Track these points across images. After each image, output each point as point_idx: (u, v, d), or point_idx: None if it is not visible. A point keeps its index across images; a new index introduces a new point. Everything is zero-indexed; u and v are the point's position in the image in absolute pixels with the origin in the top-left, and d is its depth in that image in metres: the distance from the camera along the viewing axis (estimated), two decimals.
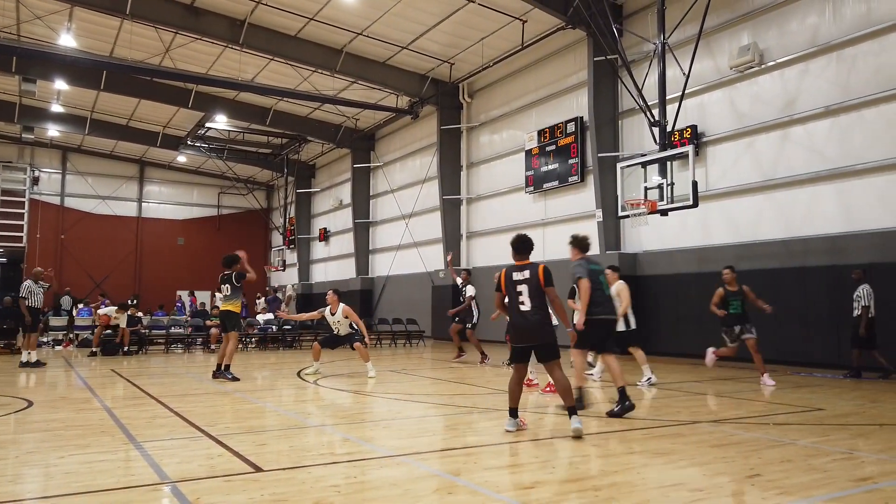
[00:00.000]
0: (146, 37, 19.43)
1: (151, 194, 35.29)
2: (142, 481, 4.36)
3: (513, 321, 6.06)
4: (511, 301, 6.00)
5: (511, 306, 6.01)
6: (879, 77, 11.58)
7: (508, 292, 6.04)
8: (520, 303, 5.93)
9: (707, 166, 14.34)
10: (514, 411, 5.99)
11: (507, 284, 6.04)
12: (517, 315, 5.97)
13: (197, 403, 7.92)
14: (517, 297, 5.95)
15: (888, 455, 5.13)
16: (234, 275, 10.43)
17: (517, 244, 6.22)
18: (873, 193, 11.64)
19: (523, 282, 5.96)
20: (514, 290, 5.98)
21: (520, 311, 5.94)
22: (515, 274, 6.02)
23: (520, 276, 5.98)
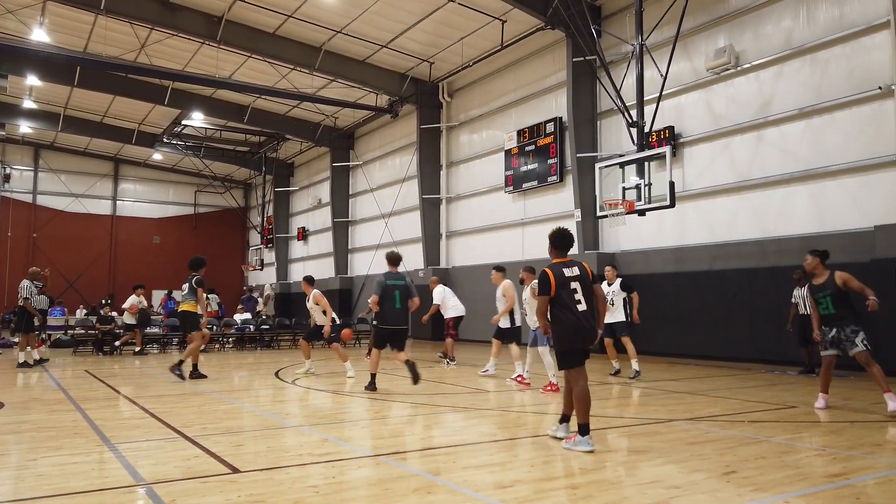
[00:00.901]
0: (121, 32, 19.15)
1: (126, 192, 34.79)
2: (116, 483, 4.30)
3: (570, 322, 5.36)
4: (564, 301, 5.37)
5: (563, 306, 5.37)
6: (851, 80, 11.80)
7: (560, 292, 5.37)
8: (577, 302, 5.37)
9: (684, 167, 14.50)
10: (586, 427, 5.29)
11: (560, 284, 5.38)
12: (576, 316, 5.35)
13: (173, 404, 7.82)
14: (573, 296, 5.37)
15: (859, 451, 5.22)
16: (195, 279, 10.28)
17: (560, 239, 5.65)
18: (845, 194, 11.86)
19: (575, 279, 5.44)
20: (568, 288, 5.39)
21: (578, 311, 5.36)
22: (566, 271, 5.46)
23: (571, 273, 5.45)
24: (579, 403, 5.32)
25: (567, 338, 5.41)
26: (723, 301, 13.41)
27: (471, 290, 20.46)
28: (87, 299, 28.65)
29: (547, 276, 5.39)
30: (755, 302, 12.86)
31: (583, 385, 5.36)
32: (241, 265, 36.21)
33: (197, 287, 10.26)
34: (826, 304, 7.42)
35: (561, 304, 5.38)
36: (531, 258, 18.34)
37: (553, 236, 5.69)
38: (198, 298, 10.28)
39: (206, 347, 16.75)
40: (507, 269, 11.36)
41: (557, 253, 5.63)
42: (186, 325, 10.42)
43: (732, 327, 13.23)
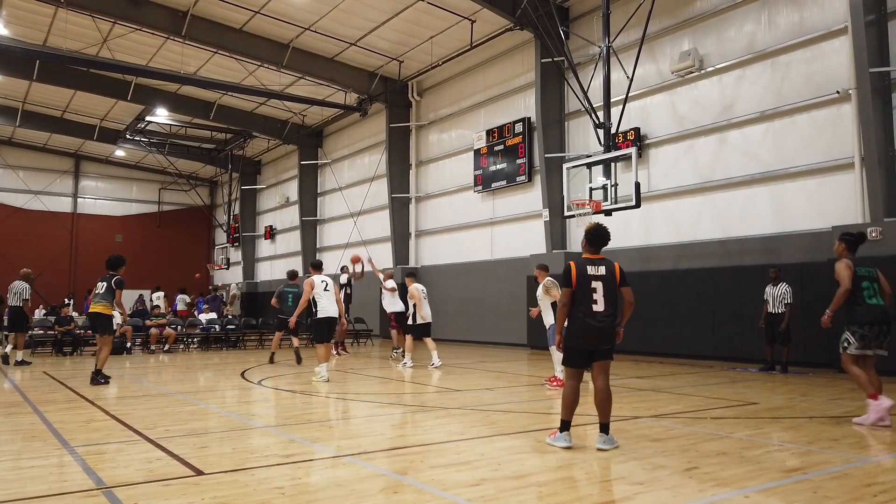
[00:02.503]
0: (82, 26, 18.71)
1: (88, 189, 34.01)
2: (75, 487, 4.20)
3: (580, 320, 5.31)
4: (580, 297, 5.32)
5: (578, 303, 5.33)
6: (811, 84, 12.11)
7: (580, 288, 5.32)
8: (593, 301, 5.30)
9: (649, 168, 14.72)
10: (566, 424, 5.36)
11: (581, 280, 5.32)
12: (587, 315, 5.29)
13: (135, 406, 7.67)
14: (590, 295, 5.31)
15: (817, 446, 5.37)
16: (114, 279, 9.89)
17: (595, 236, 5.52)
18: (804, 196, 12.17)
19: (598, 278, 5.35)
20: (587, 286, 5.31)
21: (592, 310, 5.29)
22: (590, 268, 5.37)
23: (595, 272, 5.37)
24: (563, 401, 5.40)
25: (573, 335, 5.38)
26: (687, 300, 13.65)
27: (441, 289, 20.49)
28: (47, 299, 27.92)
29: (570, 269, 5.36)
30: (718, 301, 13.13)
31: (572, 385, 5.41)
32: (206, 264, 35.66)
33: (117, 288, 9.85)
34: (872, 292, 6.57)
35: (577, 301, 5.34)
36: (500, 257, 18.45)
37: (588, 231, 5.56)
38: (115, 300, 9.90)
39: (170, 348, 16.49)
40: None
41: (590, 249, 5.54)
42: (98, 326, 9.96)
43: (696, 326, 13.48)
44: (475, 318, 18.96)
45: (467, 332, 19.16)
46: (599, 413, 5.36)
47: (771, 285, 11.23)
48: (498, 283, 17.83)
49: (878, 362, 6.49)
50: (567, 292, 5.35)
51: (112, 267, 10.11)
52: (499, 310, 17.82)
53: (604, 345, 5.36)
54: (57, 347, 15.48)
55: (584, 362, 5.45)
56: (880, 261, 10.51)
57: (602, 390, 5.36)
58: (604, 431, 5.30)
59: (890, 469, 4.60)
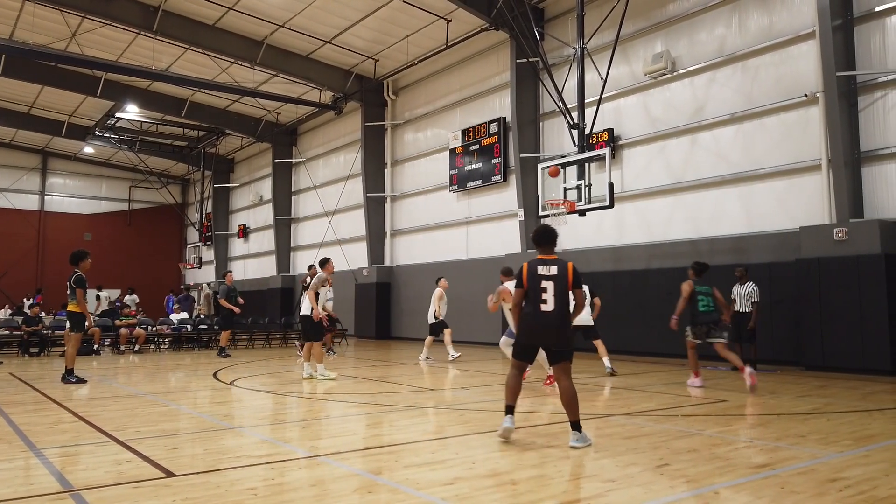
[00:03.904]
0: (50, 20, 18.35)
1: (55, 187, 33.33)
2: (42, 490, 4.11)
3: (528, 319, 5.45)
4: (531, 296, 5.44)
5: (529, 301, 5.46)
6: (779, 87, 12.34)
7: (530, 287, 5.43)
8: (542, 301, 5.38)
9: (623, 168, 14.87)
10: (510, 408, 5.53)
11: (531, 279, 5.43)
12: (536, 314, 5.40)
13: (104, 407, 7.54)
14: (539, 294, 5.40)
15: (784, 443, 5.47)
16: (74, 277, 9.70)
17: (542, 236, 5.64)
18: (773, 197, 12.40)
19: (549, 278, 5.42)
20: (537, 285, 5.40)
21: (539, 310, 5.38)
22: (541, 268, 5.45)
23: (546, 272, 5.45)
24: (505, 387, 5.63)
25: (522, 331, 5.59)
26: (658, 299, 13.80)
27: (416, 289, 20.49)
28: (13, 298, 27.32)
29: (521, 269, 5.54)
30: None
31: (514, 373, 5.63)
32: (178, 263, 35.17)
33: (75, 286, 9.64)
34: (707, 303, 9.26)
35: (527, 299, 5.51)
36: (475, 257, 18.50)
37: (534, 232, 5.77)
38: (77, 299, 9.68)
39: (140, 348, 16.24)
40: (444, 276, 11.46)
41: (539, 249, 5.66)
42: (71, 325, 9.78)
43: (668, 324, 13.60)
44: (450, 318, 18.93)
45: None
46: (567, 412, 5.44)
47: (738, 284, 11.35)
48: (473, 283, 17.88)
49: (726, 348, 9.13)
50: (519, 292, 5.52)
51: (73, 262, 9.89)
52: (474, 309, 17.85)
53: (553, 345, 5.47)
54: (23, 348, 15.15)
55: (528, 357, 5.67)
56: (846, 260, 10.80)
57: (566, 390, 5.41)
58: (576, 429, 5.35)
59: (854, 464, 4.71)
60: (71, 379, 9.57)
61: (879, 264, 10.48)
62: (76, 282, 9.69)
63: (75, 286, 9.67)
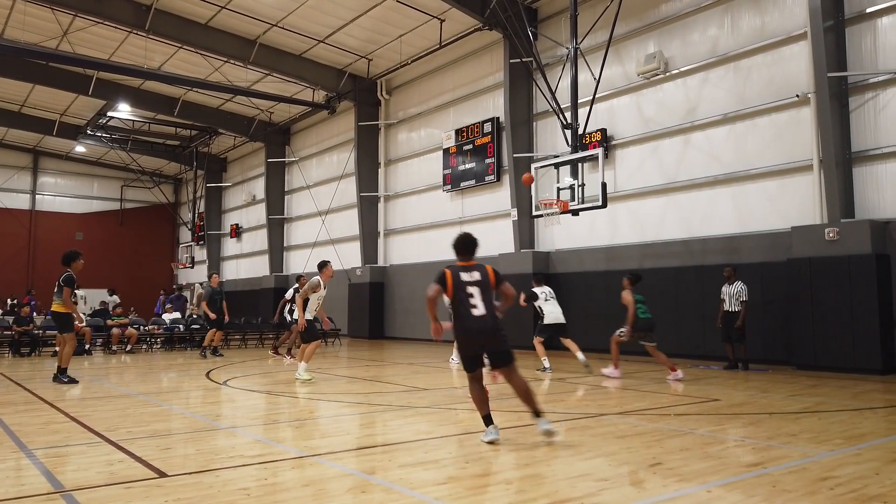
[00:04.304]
0: (42, 18, 18.23)
1: (46, 186, 33.12)
2: (33, 491, 4.09)
3: (465, 327, 5.43)
4: (460, 304, 5.43)
5: (460, 309, 5.44)
6: (771, 88, 12.40)
7: (457, 295, 5.42)
8: (472, 306, 5.40)
9: (615, 168, 14.91)
10: (488, 418, 5.49)
11: (457, 286, 5.42)
12: (470, 319, 5.40)
13: (96, 408, 7.51)
14: (468, 300, 5.41)
15: (776, 441, 5.50)
16: (63, 276, 9.64)
17: (463, 245, 5.70)
18: (764, 197, 12.46)
19: (474, 284, 5.44)
20: (464, 292, 5.42)
21: (472, 315, 5.39)
22: (464, 275, 5.47)
23: (469, 278, 5.47)
24: (474, 402, 5.59)
25: (463, 343, 5.55)
26: (651, 299, 13.81)
27: (409, 288, 20.49)
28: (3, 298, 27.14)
29: (444, 275, 5.48)
30: (681, 299, 13.36)
31: (475, 386, 5.56)
32: (170, 263, 35.03)
33: (64, 285, 9.59)
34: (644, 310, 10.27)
35: (458, 307, 5.46)
36: None
37: (454, 241, 5.78)
38: (63, 298, 9.61)
39: (132, 348, 16.17)
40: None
41: (459, 257, 5.72)
42: (58, 325, 9.75)
43: (660, 324, 13.64)
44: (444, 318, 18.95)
45: None
46: (527, 405, 5.51)
47: (726, 284, 11.40)
48: None
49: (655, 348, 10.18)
50: (437, 289, 5.46)
51: (64, 262, 9.84)
52: None
53: (494, 346, 5.49)
54: (14, 348, 15.06)
55: (477, 365, 5.58)
56: (837, 260, 10.86)
57: (519, 387, 5.50)
58: (540, 416, 5.46)
59: (845, 463, 4.74)
60: (63, 379, 9.53)
61: (870, 264, 10.55)
62: (65, 280, 9.64)
63: (63, 285, 9.62)
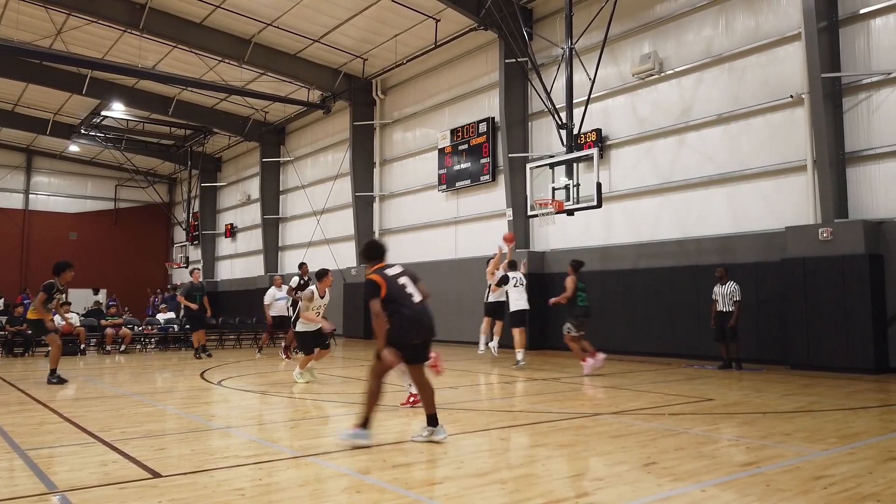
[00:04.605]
0: (35, 17, 18.15)
1: (40, 185, 32.97)
2: (26, 492, 4.08)
3: (411, 317, 5.37)
4: (398, 296, 5.37)
5: (399, 301, 5.36)
6: (766, 88, 12.44)
7: (392, 290, 5.35)
8: (409, 295, 5.41)
9: (610, 168, 14.93)
10: (433, 418, 5.48)
11: (390, 284, 5.36)
12: (414, 309, 5.38)
13: (90, 408, 7.48)
14: (404, 291, 5.41)
15: (770, 441, 5.52)
16: (44, 283, 9.74)
17: (374, 251, 5.66)
18: (759, 197, 12.50)
19: (401, 275, 5.48)
20: (398, 286, 5.41)
21: (414, 303, 5.40)
22: (389, 271, 5.47)
23: (395, 272, 5.49)
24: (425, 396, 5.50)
25: (410, 334, 5.39)
26: (646, 299, 13.90)
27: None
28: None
29: (374, 282, 5.33)
30: (676, 299, 13.39)
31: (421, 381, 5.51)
32: (165, 263, 34.92)
33: (41, 291, 9.70)
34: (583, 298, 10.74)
35: (396, 301, 5.36)
36: (464, 257, 18.50)
37: (364, 251, 5.68)
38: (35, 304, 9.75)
39: (126, 348, 16.11)
40: None
41: (375, 262, 5.60)
42: (32, 332, 10.01)
43: (655, 324, 13.73)
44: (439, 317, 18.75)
45: None
46: (429, 407, 5.49)
47: (719, 284, 11.43)
48: (462, 282, 17.87)
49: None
50: (377, 303, 5.28)
51: (54, 271, 9.88)
52: (462, 309, 17.84)
53: (434, 334, 5.50)
54: (7, 348, 14.99)
55: (426, 356, 5.56)
56: (831, 260, 10.91)
57: (429, 385, 5.52)
58: (434, 423, 5.43)
59: (839, 462, 4.76)
60: (52, 380, 9.54)
61: (863, 264, 10.59)
62: (44, 287, 9.69)
63: (41, 290, 9.67)
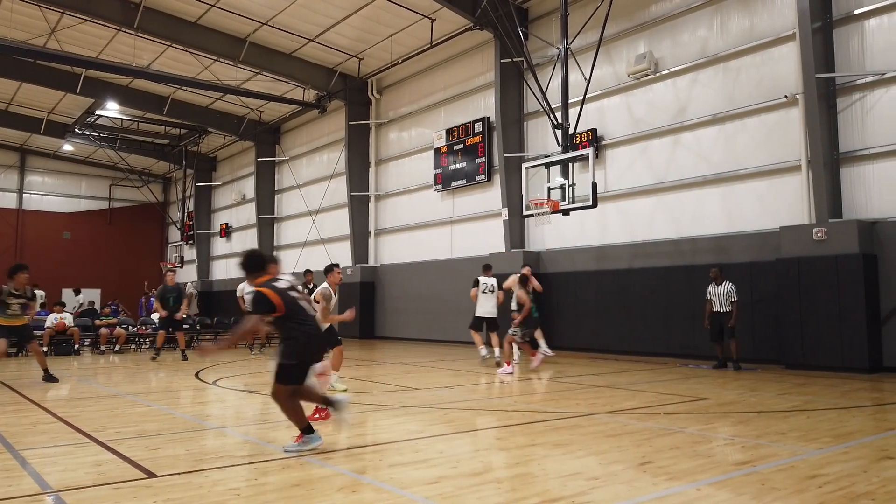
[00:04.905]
0: (29, 15, 18.06)
1: (34, 185, 32.82)
2: (20, 492, 4.06)
3: (309, 330, 5.17)
4: (299, 314, 5.15)
5: (297, 316, 5.14)
6: (761, 88, 12.47)
7: (290, 306, 5.09)
8: (304, 309, 5.21)
9: (606, 168, 14.95)
10: (309, 428, 5.19)
11: (286, 300, 5.09)
12: (310, 323, 5.21)
13: (84, 408, 7.45)
14: (299, 306, 5.18)
15: (765, 440, 5.54)
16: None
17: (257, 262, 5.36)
18: (753, 197, 12.54)
19: (292, 289, 5.23)
20: (291, 300, 5.14)
21: (310, 318, 5.23)
22: (279, 284, 5.20)
23: (286, 285, 5.23)
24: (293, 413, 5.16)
25: (306, 350, 5.17)
26: (641, 298, 13.92)
27: (400, 288, 20.49)
28: None
29: (265, 295, 5.04)
30: (671, 299, 13.42)
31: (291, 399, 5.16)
32: (159, 262, 34.82)
33: None
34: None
35: (294, 318, 5.12)
36: (459, 256, 18.51)
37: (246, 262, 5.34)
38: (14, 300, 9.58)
39: (120, 348, 16.06)
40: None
41: (261, 274, 5.30)
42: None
43: (650, 323, 13.75)
44: (435, 317, 18.98)
45: (427, 331, 19.17)
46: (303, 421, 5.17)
47: (713, 284, 11.41)
48: (457, 282, 17.87)
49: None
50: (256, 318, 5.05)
51: (8, 274, 9.70)
52: (458, 309, 17.85)
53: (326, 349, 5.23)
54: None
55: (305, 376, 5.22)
56: (825, 260, 10.94)
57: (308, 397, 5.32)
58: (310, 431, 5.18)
59: (834, 461, 4.77)
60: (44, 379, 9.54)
61: (857, 264, 10.63)
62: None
63: None
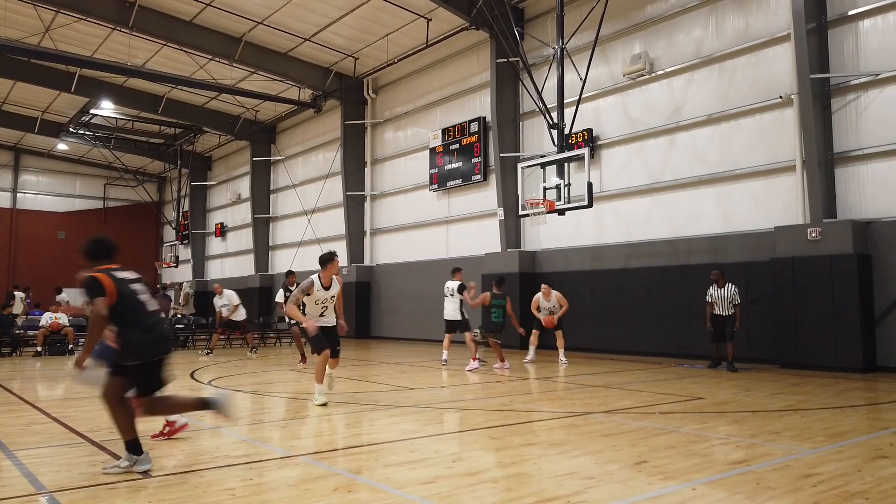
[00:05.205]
0: (23, 14, 17.99)
1: (28, 184, 32.71)
2: (14, 493, 4.04)
3: (143, 327, 4.58)
4: (134, 306, 4.58)
5: (133, 316, 4.56)
6: (756, 88, 12.51)
7: (127, 302, 4.54)
8: (144, 303, 4.66)
9: (601, 168, 14.97)
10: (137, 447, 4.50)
11: (122, 288, 4.54)
12: (148, 320, 4.64)
13: (78, 408, 7.43)
14: (137, 299, 4.63)
15: (760, 439, 5.55)
16: None
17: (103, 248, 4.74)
18: (748, 197, 12.57)
19: (135, 281, 4.71)
20: (133, 295, 4.61)
21: (149, 314, 4.67)
22: (122, 274, 4.64)
23: (130, 276, 4.71)
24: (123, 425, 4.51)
25: (140, 350, 4.54)
26: (636, 298, 13.94)
27: (396, 288, 20.48)
28: None
29: (97, 279, 4.45)
30: (666, 299, 13.45)
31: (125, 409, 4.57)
32: (154, 262, 34.72)
33: None
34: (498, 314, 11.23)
35: (128, 313, 4.54)
36: (455, 256, 18.51)
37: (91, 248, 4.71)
38: None
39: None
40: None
41: (102, 262, 4.67)
42: None
43: (645, 323, 13.78)
44: (430, 317, 18.93)
45: (422, 331, 19.15)
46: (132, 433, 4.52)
47: (715, 287, 11.20)
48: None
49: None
50: (103, 301, 4.42)
51: None
52: None
53: (170, 352, 4.76)
54: None
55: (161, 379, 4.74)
56: (819, 260, 10.98)
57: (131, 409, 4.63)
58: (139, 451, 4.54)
59: (828, 460, 4.79)
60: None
61: (851, 264, 10.67)
62: None
63: None
